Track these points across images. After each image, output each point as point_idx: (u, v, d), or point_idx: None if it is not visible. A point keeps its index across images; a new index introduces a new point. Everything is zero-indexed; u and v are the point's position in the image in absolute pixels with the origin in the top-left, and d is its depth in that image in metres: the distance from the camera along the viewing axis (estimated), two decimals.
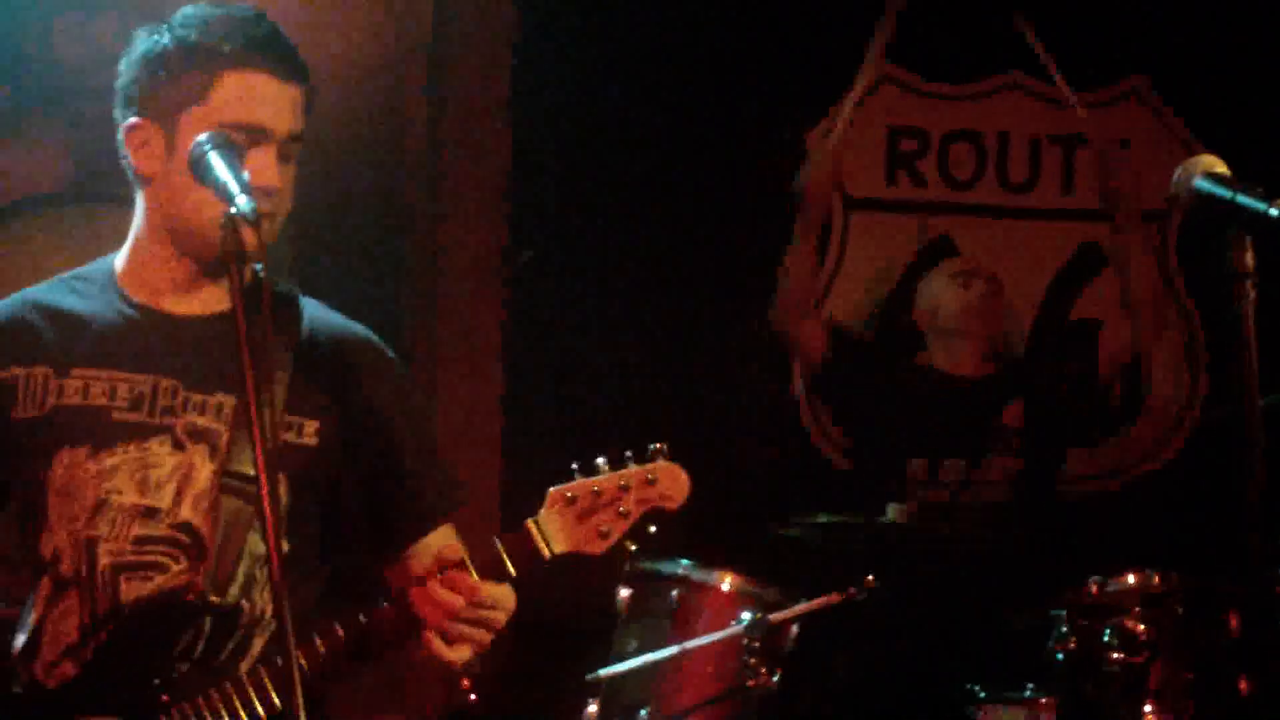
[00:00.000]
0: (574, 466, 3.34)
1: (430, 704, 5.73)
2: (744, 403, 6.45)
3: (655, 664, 4.79)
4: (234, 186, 3.05)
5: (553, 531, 3.30)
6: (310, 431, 3.35)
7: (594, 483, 3.32)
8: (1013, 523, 5.73)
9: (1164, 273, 6.59)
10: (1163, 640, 4.63)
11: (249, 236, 2.95)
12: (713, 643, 4.74)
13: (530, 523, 3.29)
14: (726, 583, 4.90)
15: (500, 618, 3.31)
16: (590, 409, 6.36)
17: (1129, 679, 4.59)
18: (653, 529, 3.37)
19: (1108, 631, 4.59)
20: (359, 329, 3.54)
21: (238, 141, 3.21)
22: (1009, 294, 6.36)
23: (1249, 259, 2.99)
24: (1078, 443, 6.07)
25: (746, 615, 4.70)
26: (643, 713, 4.81)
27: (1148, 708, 4.63)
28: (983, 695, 4.94)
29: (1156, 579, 4.72)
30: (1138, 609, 4.64)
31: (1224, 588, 4.70)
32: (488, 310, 6.33)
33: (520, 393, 6.31)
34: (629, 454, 3.35)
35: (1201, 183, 3.15)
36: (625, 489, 3.33)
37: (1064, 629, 4.64)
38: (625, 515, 3.33)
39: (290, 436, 3.31)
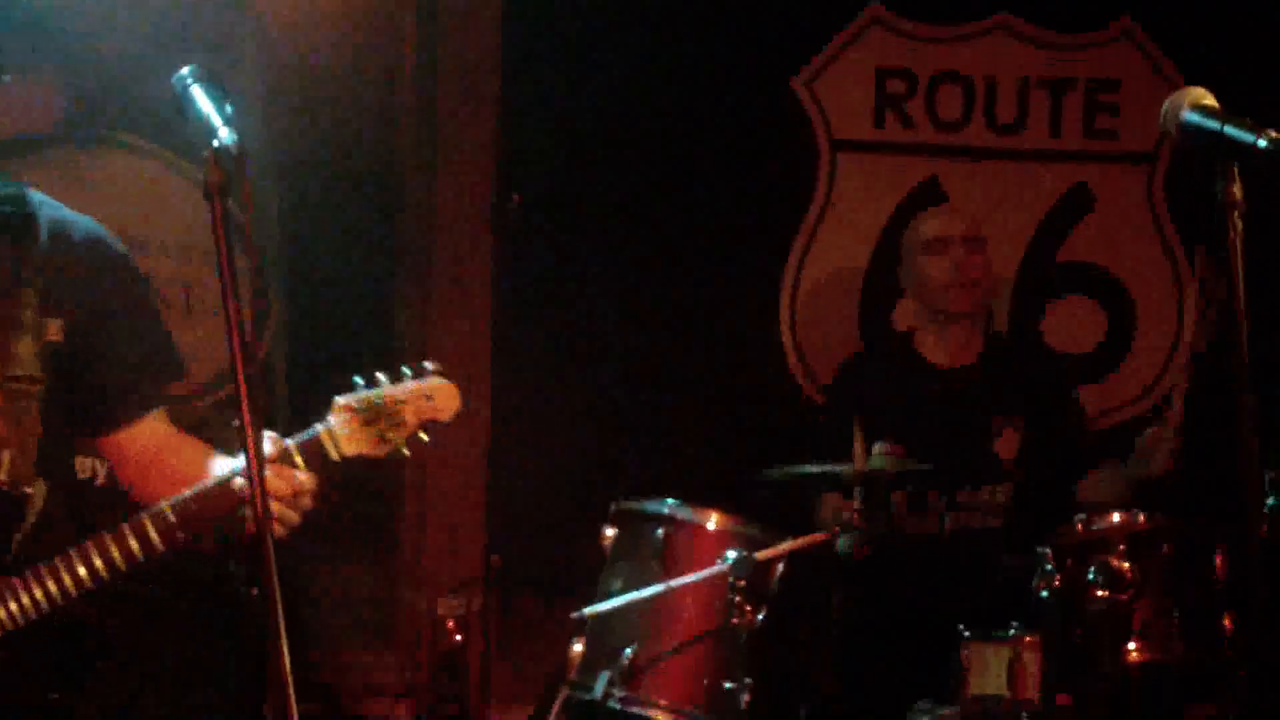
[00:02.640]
0: (357, 380, 3.65)
1: None
2: (730, 344, 6.43)
3: (641, 602, 4.80)
4: (216, 120, 3.12)
5: (340, 437, 3.61)
6: (55, 329, 3.65)
7: (376, 395, 3.63)
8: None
9: (1152, 214, 6.58)
10: (1147, 579, 4.63)
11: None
12: (698, 581, 4.75)
13: (322, 430, 3.60)
14: (712, 522, 4.91)
15: (307, 501, 3.60)
16: (580, 355, 6.36)
17: (1113, 617, 4.59)
18: (425, 437, 3.67)
19: (1092, 570, 4.59)
20: (87, 223, 3.80)
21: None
22: (996, 237, 6.37)
23: (1237, 190, 2.98)
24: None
25: (732, 554, 4.71)
26: (628, 651, 4.81)
27: (1132, 645, 4.63)
28: (968, 634, 4.94)
29: (1142, 518, 4.72)
30: (1123, 547, 4.63)
31: (1209, 526, 4.69)
32: (479, 260, 6.32)
33: (510, 341, 6.30)
34: (407, 370, 3.66)
35: (1189, 115, 3.14)
36: (403, 402, 3.64)
37: (1049, 567, 4.64)
38: (403, 425, 3.64)
39: (48, 335, 3.65)
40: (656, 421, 6.35)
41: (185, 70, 3.24)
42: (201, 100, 3.19)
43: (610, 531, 5.06)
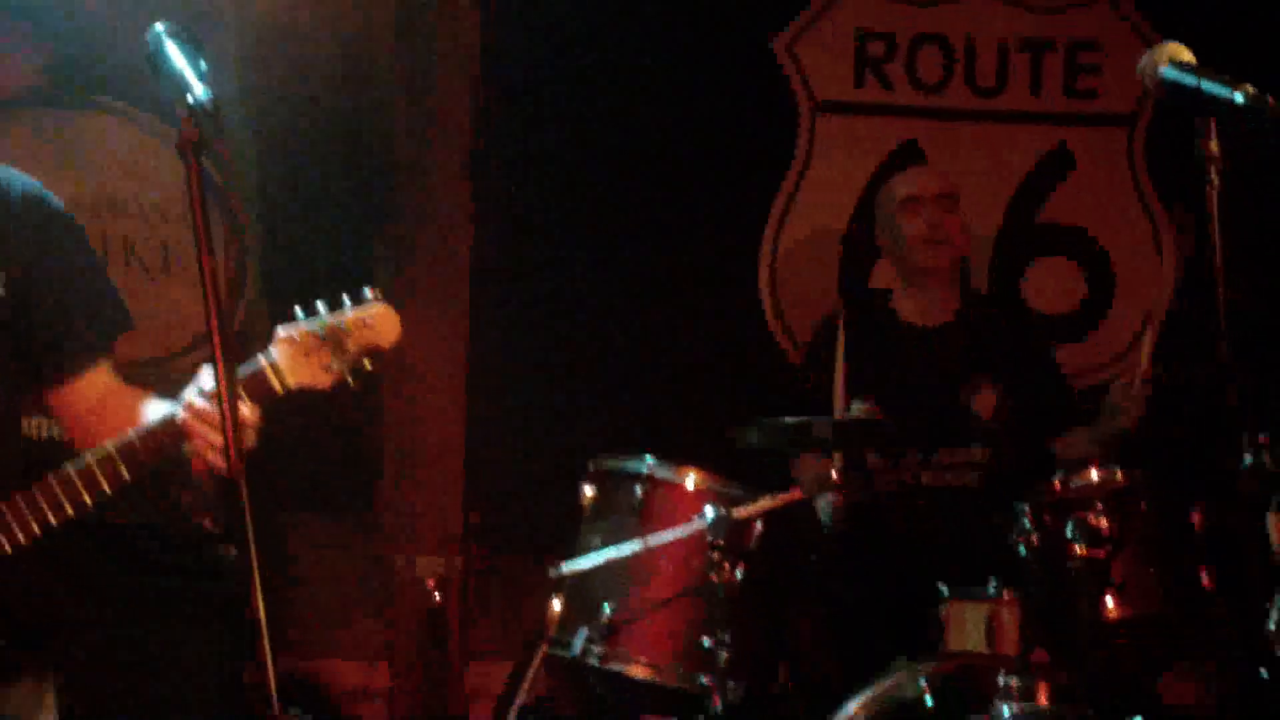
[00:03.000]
0: (297, 311, 3.67)
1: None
2: (709, 303, 6.43)
3: (619, 560, 4.81)
4: (190, 76, 3.13)
5: (284, 369, 3.64)
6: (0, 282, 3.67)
7: (317, 325, 3.66)
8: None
9: (1133, 176, 6.59)
10: (1126, 534, 4.63)
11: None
12: (676, 539, 4.76)
13: (264, 362, 3.63)
14: (691, 480, 4.91)
15: (251, 435, 3.58)
16: (559, 314, 6.36)
17: (1092, 573, 4.60)
18: (370, 365, 3.69)
19: (1071, 526, 4.60)
20: (24, 180, 3.80)
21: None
22: (976, 198, 6.37)
23: (1214, 145, 2.99)
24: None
25: (710, 511, 4.71)
26: (607, 608, 4.82)
27: (1109, 601, 4.65)
28: (947, 592, 4.95)
29: (1120, 475, 4.72)
30: (1100, 504, 4.64)
31: (1186, 482, 4.71)
32: (458, 218, 6.32)
33: (489, 301, 6.31)
34: (346, 298, 3.69)
35: (1167, 71, 3.14)
36: (345, 331, 3.66)
37: (1027, 524, 4.64)
38: (346, 354, 3.66)
39: None
40: (636, 380, 6.35)
41: (159, 26, 3.24)
42: (175, 56, 3.19)
43: (589, 489, 5.06)
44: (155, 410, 3.72)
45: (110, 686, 5.10)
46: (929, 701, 4.69)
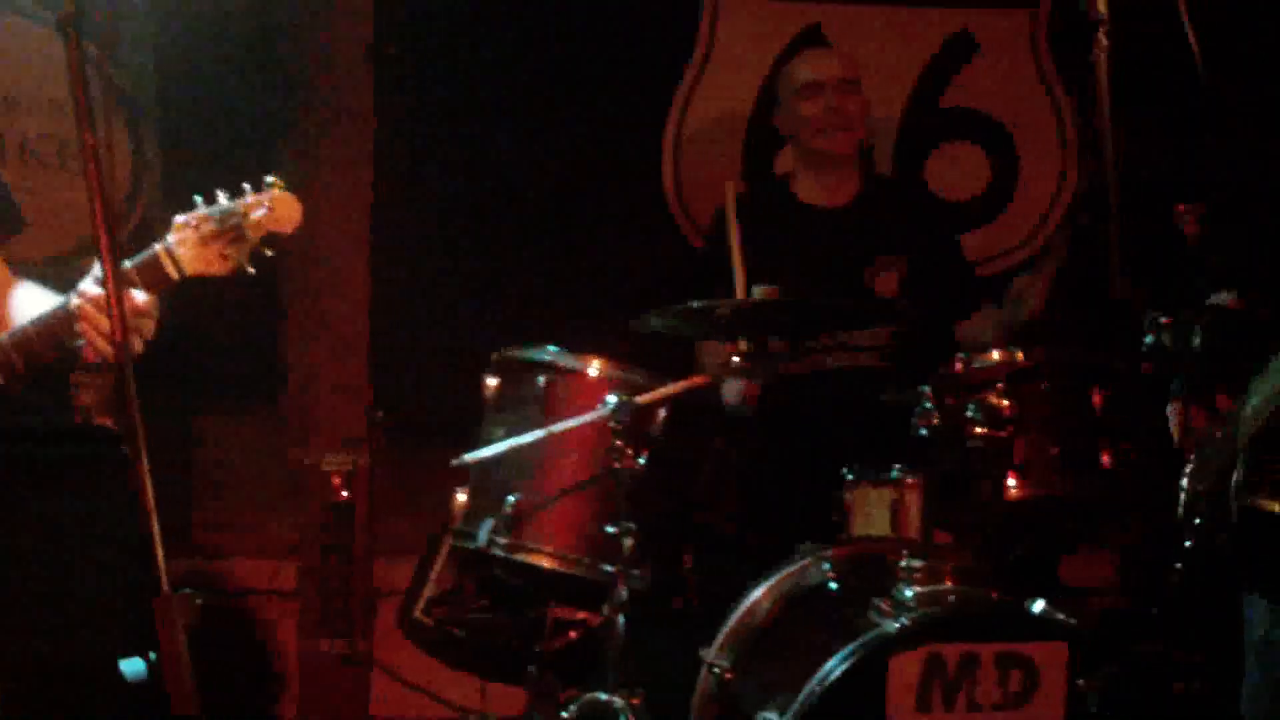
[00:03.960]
0: (197, 198, 3.66)
1: None
2: (614, 192, 6.39)
3: (522, 449, 4.79)
4: None
5: (180, 256, 3.63)
6: None
7: (215, 210, 3.65)
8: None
9: (1035, 60, 6.57)
10: (1026, 415, 4.63)
11: None
12: (579, 426, 4.75)
13: (160, 249, 3.63)
14: (594, 368, 4.89)
15: (149, 324, 3.64)
16: (461, 204, 6.31)
17: (992, 453, 4.60)
18: (269, 252, 3.69)
19: (971, 407, 4.59)
20: None
21: None
22: (879, 84, 6.34)
23: (1101, 5, 2.97)
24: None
25: (612, 398, 4.70)
26: (511, 498, 4.80)
27: (1011, 481, 4.65)
28: (851, 477, 4.96)
29: (1020, 355, 4.71)
30: (1001, 385, 4.63)
31: (1086, 362, 4.71)
32: (360, 103, 6.24)
33: (391, 192, 6.25)
34: (246, 186, 3.67)
35: None
36: (243, 215, 3.64)
37: (928, 405, 4.63)
38: (244, 240, 3.64)
39: None
40: (540, 270, 6.32)
41: None
42: None
43: (492, 381, 5.04)
44: (50, 302, 3.68)
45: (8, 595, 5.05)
46: (833, 586, 4.70)
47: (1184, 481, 3.46)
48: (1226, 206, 4.53)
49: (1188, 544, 3.33)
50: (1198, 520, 3.28)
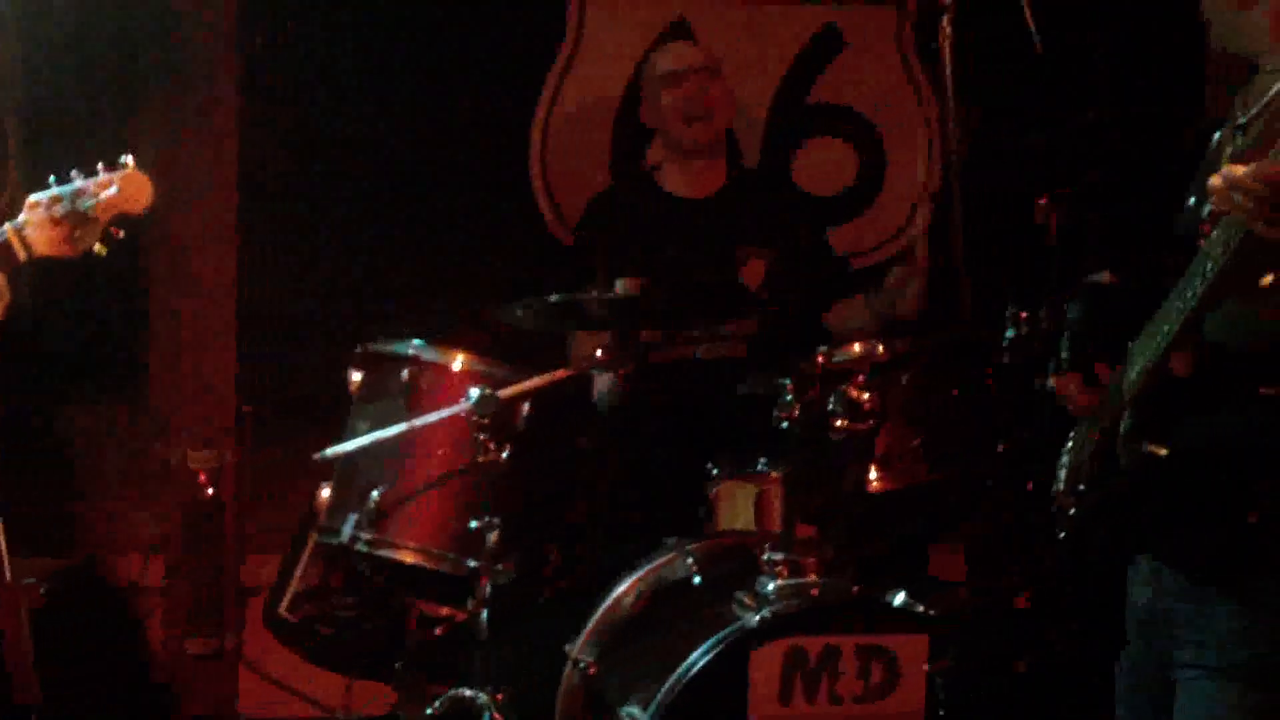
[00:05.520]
0: (51, 179, 3.64)
1: None
2: (481, 186, 6.38)
3: (386, 443, 4.78)
4: None
5: (30, 237, 3.62)
6: None
7: (67, 191, 3.63)
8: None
9: (902, 56, 6.61)
10: (888, 406, 4.66)
11: None
12: (442, 420, 4.73)
13: (9, 229, 3.60)
14: (458, 361, 4.89)
15: None
16: (328, 198, 6.27)
17: (854, 446, 4.62)
18: (121, 233, 3.68)
19: (833, 400, 4.61)
20: None
21: None
22: (746, 79, 6.37)
23: None
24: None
25: (475, 392, 4.69)
26: (375, 493, 4.79)
27: (873, 474, 4.68)
28: (716, 472, 4.98)
29: (881, 348, 4.74)
30: (862, 377, 4.66)
31: (947, 354, 4.74)
32: (225, 91, 6.18)
33: (257, 186, 6.20)
34: (100, 166, 3.66)
35: None
36: (95, 196, 3.62)
37: (789, 398, 4.63)
38: (94, 222, 3.62)
39: None
40: (405, 263, 6.29)
41: None
42: None
43: (356, 375, 5.02)
44: None
45: None
46: (697, 579, 4.72)
47: (1064, 455, 3.51)
48: (1087, 196, 4.58)
49: (1070, 514, 3.37)
50: (1081, 487, 3.33)
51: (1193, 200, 3.28)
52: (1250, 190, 2.69)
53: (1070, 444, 3.50)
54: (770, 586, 4.40)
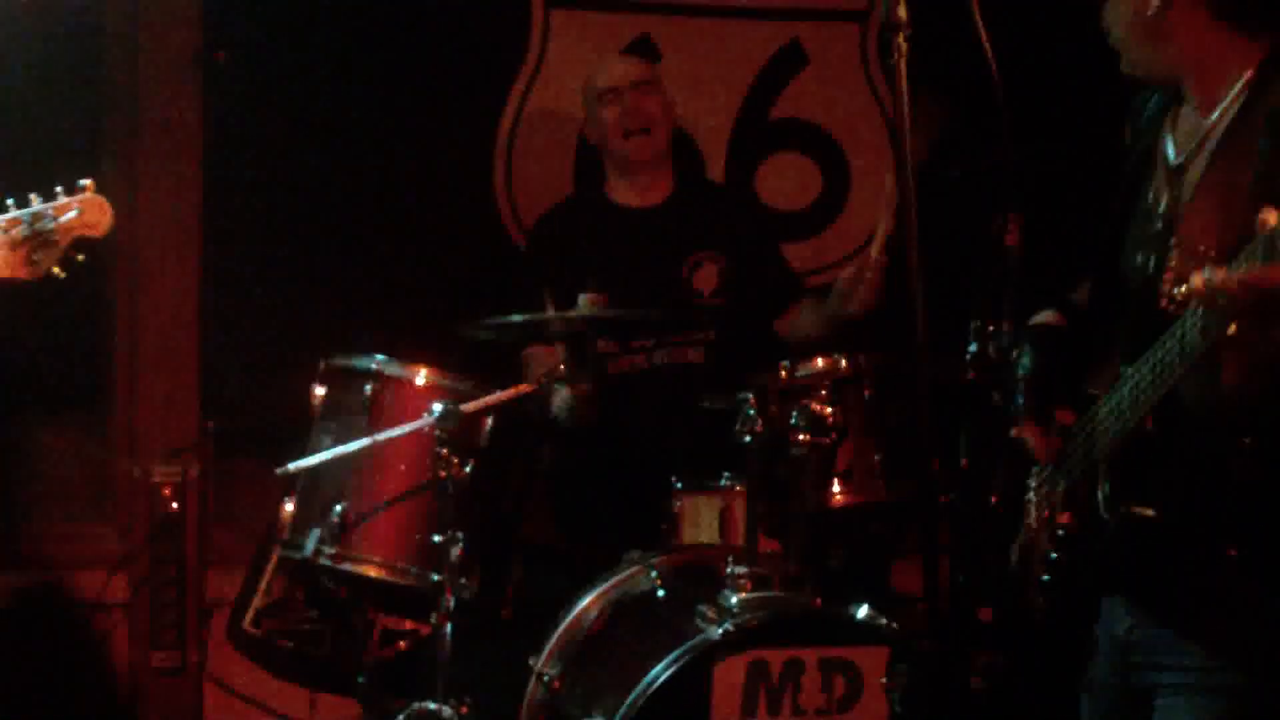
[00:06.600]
0: (9, 201, 3.63)
1: None
2: (445, 201, 6.38)
3: (349, 457, 4.78)
4: None
5: None
6: None
7: (27, 214, 3.62)
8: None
9: (865, 72, 6.64)
10: (850, 421, 4.69)
11: None
12: (405, 434, 4.74)
13: None
14: (421, 377, 4.90)
15: None
16: (290, 213, 6.26)
17: (816, 460, 4.64)
18: (81, 257, 3.69)
19: (795, 414, 4.62)
20: None
21: None
22: (710, 95, 6.39)
23: (902, 10, 3.01)
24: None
25: (438, 406, 4.69)
26: (338, 508, 4.80)
27: (836, 488, 4.71)
28: (680, 485, 4.99)
29: (844, 363, 4.77)
30: (825, 391, 4.68)
31: (908, 369, 4.75)
32: (187, 110, 6.17)
33: (220, 201, 6.19)
34: (59, 189, 3.65)
35: None
36: (54, 219, 3.62)
37: (751, 412, 4.65)
38: (54, 245, 3.62)
39: None
40: (369, 279, 6.28)
41: None
42: None
43: (319, 390, 5.02)
44: None
45: None
46: (660, 593, 4.73)
47: (1031, 499, 3.51)
48: (1043, 215, 4.59)
49: (1052, 557, 3.36)
50: (1060, 533, 3.33)
51: (1139, 258, 3.24)
52: (1233, 296, 2.67)
53: (1032, 494, 3.50)
54: (733, 600, 4.41)
